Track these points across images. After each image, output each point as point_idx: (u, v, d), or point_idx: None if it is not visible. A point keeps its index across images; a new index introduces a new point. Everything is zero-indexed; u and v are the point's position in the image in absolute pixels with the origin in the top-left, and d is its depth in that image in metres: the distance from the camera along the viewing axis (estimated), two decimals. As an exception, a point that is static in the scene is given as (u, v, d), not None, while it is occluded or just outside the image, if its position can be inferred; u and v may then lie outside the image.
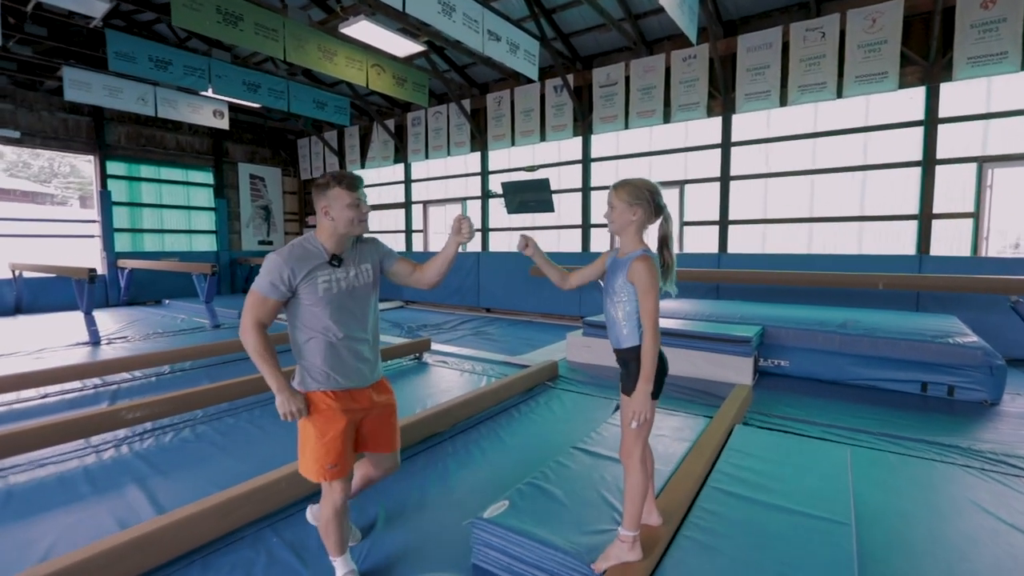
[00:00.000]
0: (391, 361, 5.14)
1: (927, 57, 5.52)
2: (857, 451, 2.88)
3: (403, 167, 10.72)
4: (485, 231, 9.50)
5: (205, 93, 8.04)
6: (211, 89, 7.56)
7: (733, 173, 6.91)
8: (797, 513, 1.94)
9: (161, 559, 1.87)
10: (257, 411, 3.66)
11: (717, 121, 6.91)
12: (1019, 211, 5.42)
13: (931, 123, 5.60)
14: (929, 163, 5.65)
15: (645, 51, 7.15)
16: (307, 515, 2.19)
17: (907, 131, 5.81)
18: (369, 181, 11.64)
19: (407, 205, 10.78)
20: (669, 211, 1.70)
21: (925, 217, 5.72)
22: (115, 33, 6.52)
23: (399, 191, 10.98)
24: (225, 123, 9.48)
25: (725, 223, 7.03)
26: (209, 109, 9.14)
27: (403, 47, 6.85)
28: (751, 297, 6.48)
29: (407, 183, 10.71)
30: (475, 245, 9.72)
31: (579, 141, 8.15)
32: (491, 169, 9.28)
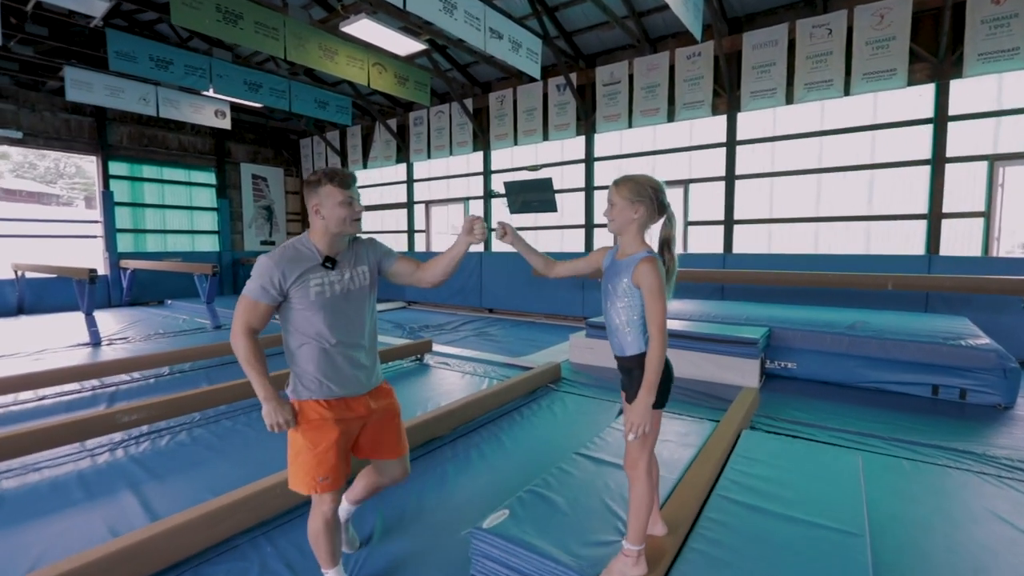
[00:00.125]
0: (392, 363, 5.09)
1: (936, 54, 5.42)
2: (868, 457, 2.80)
3: (405, 167, 10.67)
4: (488, 231, 9.43)
5: (207, 93, 8.01)
6: (212, 89, 7.52)
7: (738, 172, 6.82)
8: (808, 524, 1.87)
9: (151, 569, 1.82)
10: (255, 414, 3.60)
11: (722, 119, 6.82)
12: (1031, 210, 5.33)
13: (941, 121, 5.50)
14: (938, 161, 5.55)
15: (649, 49, 7.08)
16: None
17: (916, 129, 5.71)
18: (371, 181, 11.61)
19: (409, 205, 10.73)
20: (673, 210, 1.62)
21: (934, 216, 5.62)
22: (115, 32, 6.49)
23: (401, 191, 10.93)
24: (227, 123, 9.45)
25: (730, 223, 6.94)
26: (211, 109, 9.11)
27: (404, 46, 6.79)
28: (756, 298, 6.39)
29: (409, 183, 10.66)
30: (477, 245, 9.65)
31: (582, 140, 8.08)
32: (494, 169, 9.22)
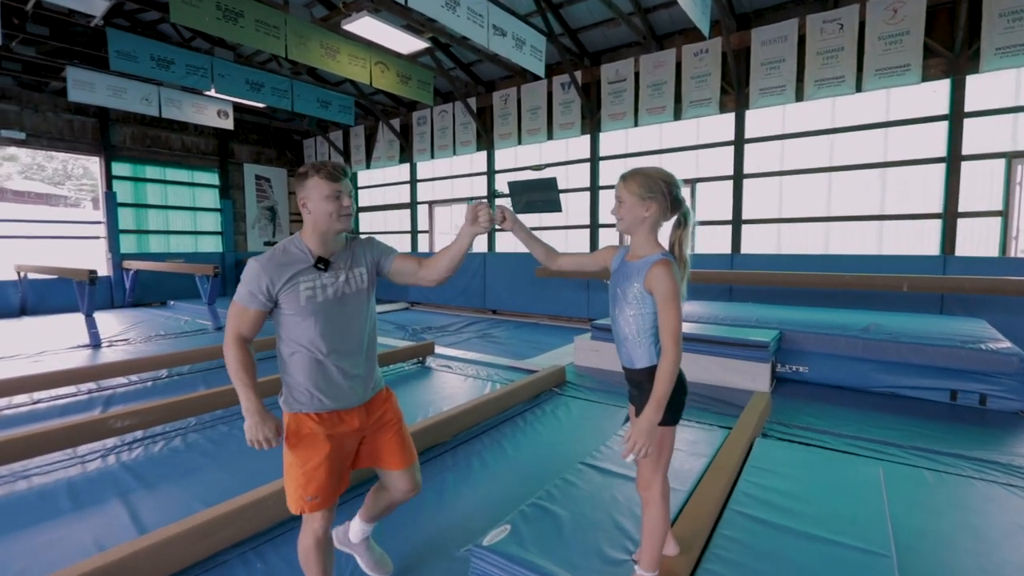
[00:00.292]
0: (393, 366, 4.99)
1: (952, 48, 5.27)
2: (888, 467, 2.68)
3: (409, 167, 10.59)
4: (491, 231, 9.35)
5: (209, 93, 7.96)
6: (214, 89, 7.46)
7: (747, 171, 6.69)
8: (830, 542, 1.75)
9: (134, 587, 1.73)
10: (252, 419, 3.52)
11: (730, 117, 6.69)
12: (1050, 209, 5.17)
13: (956, 117, 5.35)
14: (954, 159, 5.40)
15: (655, 46, 6.96)
16: (334, 541, 1.85)
17: (930, 126, 5.56)
18: (374, 181, 11.54)
19: (412, 205, 10.65)
20: (688, 206, 1.47)
21: (950, 216, 5.47)
22: (116, 32, 6.44)
23: (404, 191, 10.85)
24: (230, 123, 9.40)
25: (738, 222, 6.81)
26: (213, 109, 9.06)
27: (407, 44, 6.71)
28: (765, 299, 6.25)
29: (412, 183, 10.58)
30: (481, 245, 9.57)
31: (587, 139, 7.96)
32: (497, 168, 9.12)
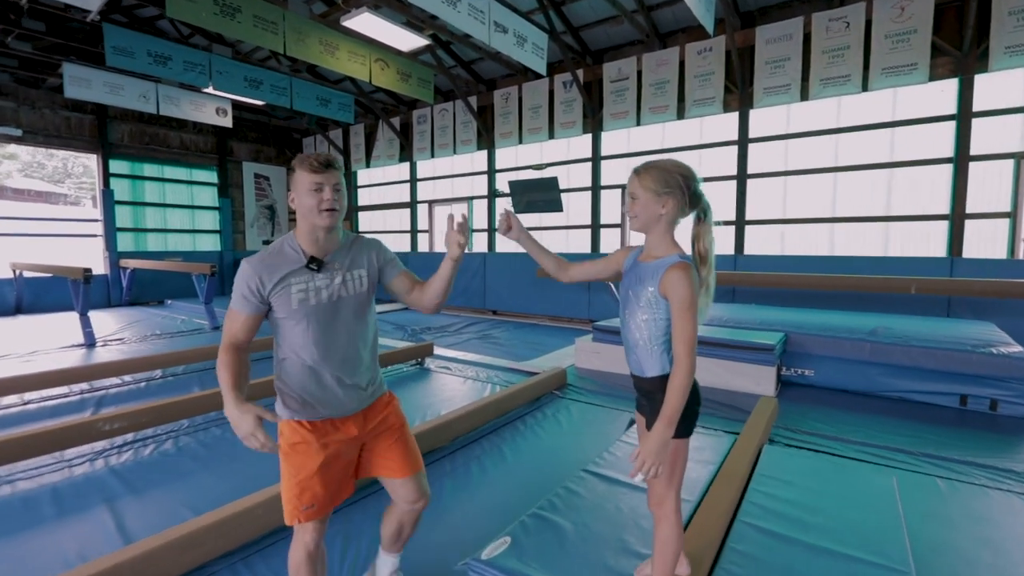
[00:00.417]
0: (391, 367, 4.91)
1: (960, 47, 5.19)
2: (901, 475, 2.59)
3: (408, 166, 10.51)
4: (492, 231, 9.26)
5: (207, 90, 7.89)
6: (212, 86, 7.39)
7: (750, 171, 6.61)
8: (847, 558, 1.67)
9: (114, 601, 1.64)
10: (245, 421, 3.44)
11: (734, 117, 6.61)
12: (1060, 211, 5.09)
13: (964, 117, 5.27)
14: (962, 159, 5.32)
15: (658, 44, 6.88)
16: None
17: (938, 126, 5.48)
18: (374, 180, 11.46)
19: (412, 205, 10.57)
20: (708, 201, 1.36)
21: (957, 217, 5.39)
22: (113, 27, 6.36)
23: (404, 190, 10.77)
24: (228, 121, 9.32)
25: (741, 223, 6.73)
26: (212, 107, 8.98)
27: (407, 41, 6.64)
28: (768, 301, 6.17)
29: (412, 182, 10.50)
30: (481, 246, 9.49)
31: (589, 138, 7.88)
32: (498, 167, 9.04)
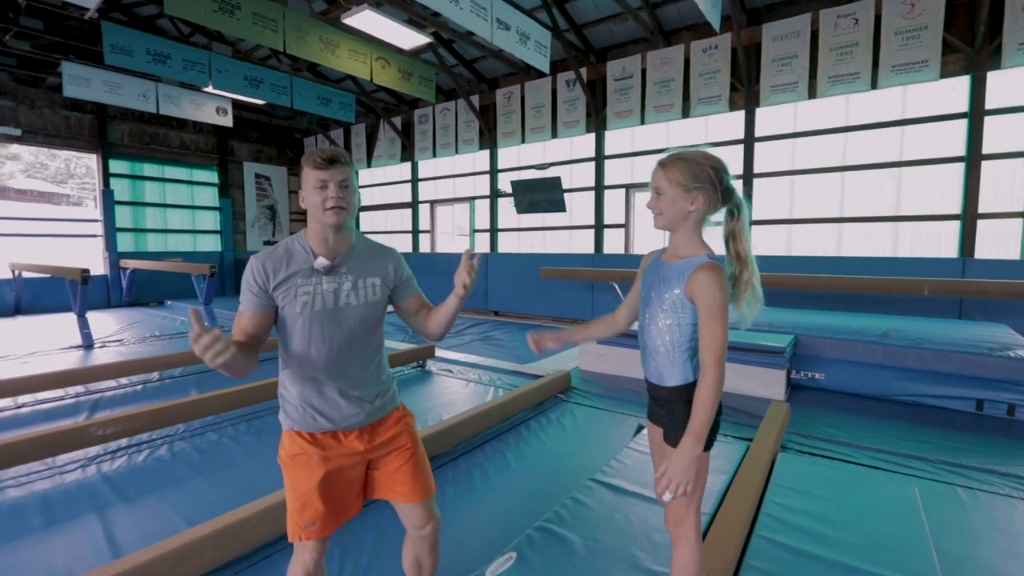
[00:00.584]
0: (392, 370, 4.81)
1: (972, 44, 5.09)
2: (922, 484, 2.50)
3: (410, 166, 10.43)
4: (494, 231, 9.18)
5: (207, 89, 7.82)
6: (212, 85, 7.32)
7: (756, 170, 6.51)
8: (872, 576, 1.58)
9: (99, 620, 1.56)
10: (242, 426, 3.36)
11: (740, 115, 6.51)
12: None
13: (976, 115, 5.17)
14: (974, 158, 5.21)
15: (663, 42, 6.79)
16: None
17: (949, 124, 5.38)
18: (375, 180, 11.38)
19: (414, 205, 10.49)
20: (741, 196, 1.24)
21: (969, 217, 5.29)
22: (111, 25, 6.30)
23: (406, 190, 10.69)
24: (228, 120, 9.25)
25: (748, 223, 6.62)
26: (212, 106, 8.91)
27: (408, 39, 6.55)
28: (774, 302, 6.06)
29: (414, 182, 10.42)
30: (483, 246, 9.40)
31: (592, 137, 7.79)
32: (500, 167, 8.95)
